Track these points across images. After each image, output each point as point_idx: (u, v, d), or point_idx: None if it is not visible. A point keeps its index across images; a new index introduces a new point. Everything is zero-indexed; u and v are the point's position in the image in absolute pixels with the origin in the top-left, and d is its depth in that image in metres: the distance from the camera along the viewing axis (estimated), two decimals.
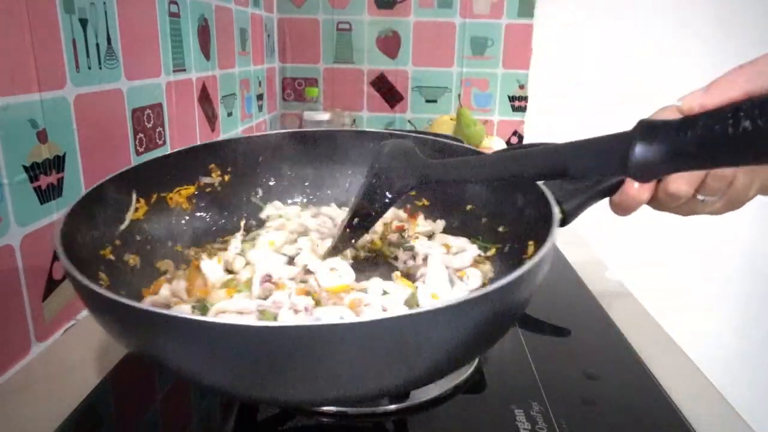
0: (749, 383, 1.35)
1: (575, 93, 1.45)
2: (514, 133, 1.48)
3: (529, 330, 0.59)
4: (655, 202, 0.48)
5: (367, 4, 1.41)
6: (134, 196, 0.50)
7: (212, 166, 0.58)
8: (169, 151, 0.73)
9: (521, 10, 1.39)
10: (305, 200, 0.64)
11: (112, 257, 0.46)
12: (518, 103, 1.46)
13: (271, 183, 0.63)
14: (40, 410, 0.46)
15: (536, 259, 0.36)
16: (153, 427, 0.44)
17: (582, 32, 1.43)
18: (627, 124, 0.34)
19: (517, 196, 0.52)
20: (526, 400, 0.46)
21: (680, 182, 0.45)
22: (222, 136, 1.03)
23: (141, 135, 0.72)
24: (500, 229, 0.55)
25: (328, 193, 0.65)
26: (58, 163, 0.55)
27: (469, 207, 0.60)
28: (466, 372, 0.49)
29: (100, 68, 0.62)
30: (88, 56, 0.59)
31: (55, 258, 0.55)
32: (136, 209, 0.50)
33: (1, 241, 0.48)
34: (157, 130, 0.76)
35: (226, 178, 0.59)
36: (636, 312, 0.66)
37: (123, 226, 0.49)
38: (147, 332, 0.33)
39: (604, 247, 0.89)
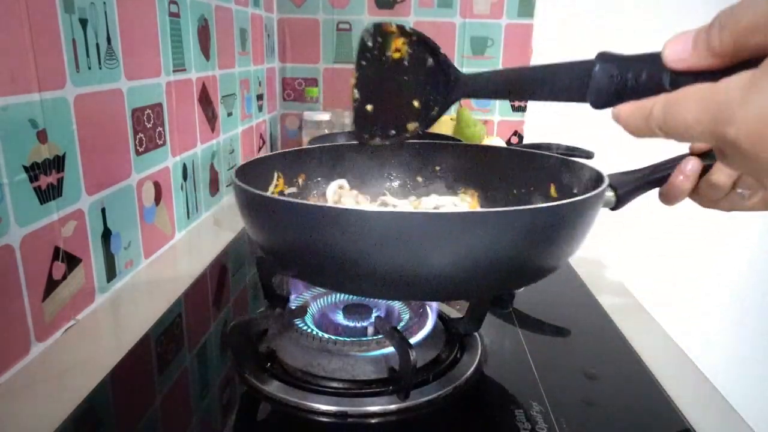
0: (749, 383, 1.35)
1: None
2: (515, 133, 1.48)
3: (529, 330, 0.59)
4: (697, 195, 0.51)
5: (367, 4, 1.41)
6: (276, 174, 0.61)
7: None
8: (168, 151, 0.74)
9: (521, 10, 1.39)
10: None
11: None
12: (518, 103, 1.46)
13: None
14: (40, 410, 0.46)
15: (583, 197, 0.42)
16: (153, 427, 0.44)
17: (582, 32, 1.43)
18: None
19: (574, 185, 0.55)
20: (526, 400, 0.46)
21: (720, 174, 0.48)
22: (222, 137, 1.03)
23: (141, 135, 0.72)
24: None
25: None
26: (58, 163, 0.55)
27: (514, 191, 0.62)
28: (466, 372, 0.49)
29: (100, 68, 0.62)
30: (88, 56, 0.59)
31: (55, 258, 0.55)
32: (276, 186, 0.61)
33: (1, 241, 0.48)
34: (157, 130, 0.76)
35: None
36: (636, 312, 0.66)
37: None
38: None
39: (604, 247, 0.89)
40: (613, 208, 0.53)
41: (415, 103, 0.50)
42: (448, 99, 0.48)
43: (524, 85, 0.41)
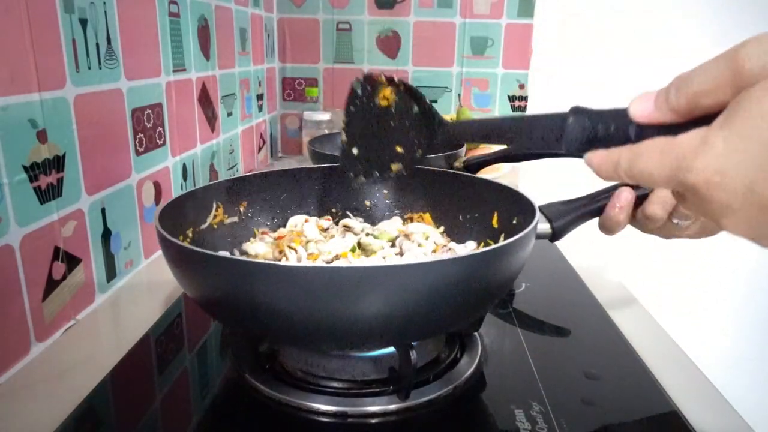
0: (749, 383, 1.35)
1: (575, 93, 1.45)
2: None
3: (529, 330, 0.59)
4: (636, 223, 0.54)
5: (367, 4, 1.41)
6: (215, 204, 0.61)
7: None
8: (168, 151, 0.74)
9: (521, 10, 1.39)
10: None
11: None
12: (518, 103, 1.46)
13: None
14: (40, 410, 0.46)
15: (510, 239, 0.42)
16: (153, 427, 0.44)
17: (582, 32, 1.43)
18: None
19: (515, 215, 0.57)
20: (526, 400, 0.46)
21: (655, 206, 0.51)
22: (222, 137, 1.03)
23: (141, 135, 0.72)
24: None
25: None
26: (57, 163, 0.55)
27: (460, 217, 0.64)
28: (466, 372, 0.49)
29: (100, 68, 0.62)
30: (88, 56, 0.59)
31: (55, 258, 0.55)
32: (215, 216, 0.61)
33: (1, 241, 0.48)
34: (157, 130, 0.76)
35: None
36: (636, 312, 0.66)
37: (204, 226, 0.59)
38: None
39: (605, 247, 0.89)
40: (551, 240, 0.55)
41: (398, 149, 0.52)
42: (431, 142, 0.51)
43: (504, 133, 0.44)
